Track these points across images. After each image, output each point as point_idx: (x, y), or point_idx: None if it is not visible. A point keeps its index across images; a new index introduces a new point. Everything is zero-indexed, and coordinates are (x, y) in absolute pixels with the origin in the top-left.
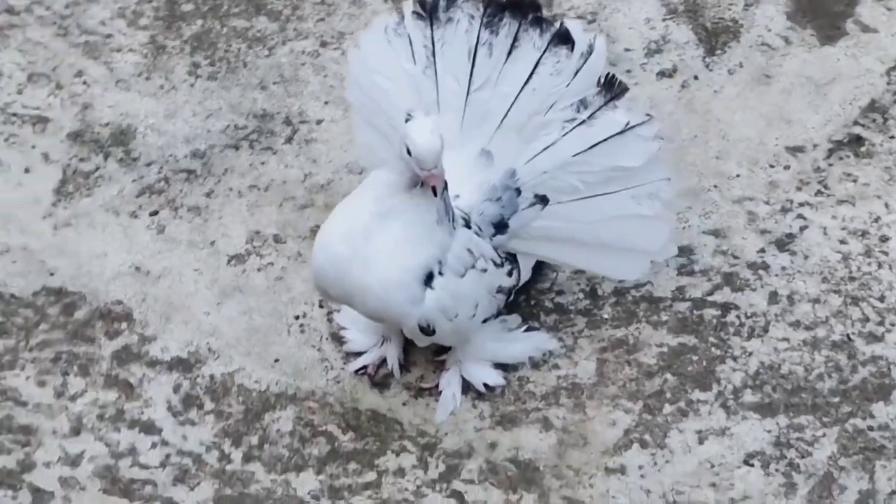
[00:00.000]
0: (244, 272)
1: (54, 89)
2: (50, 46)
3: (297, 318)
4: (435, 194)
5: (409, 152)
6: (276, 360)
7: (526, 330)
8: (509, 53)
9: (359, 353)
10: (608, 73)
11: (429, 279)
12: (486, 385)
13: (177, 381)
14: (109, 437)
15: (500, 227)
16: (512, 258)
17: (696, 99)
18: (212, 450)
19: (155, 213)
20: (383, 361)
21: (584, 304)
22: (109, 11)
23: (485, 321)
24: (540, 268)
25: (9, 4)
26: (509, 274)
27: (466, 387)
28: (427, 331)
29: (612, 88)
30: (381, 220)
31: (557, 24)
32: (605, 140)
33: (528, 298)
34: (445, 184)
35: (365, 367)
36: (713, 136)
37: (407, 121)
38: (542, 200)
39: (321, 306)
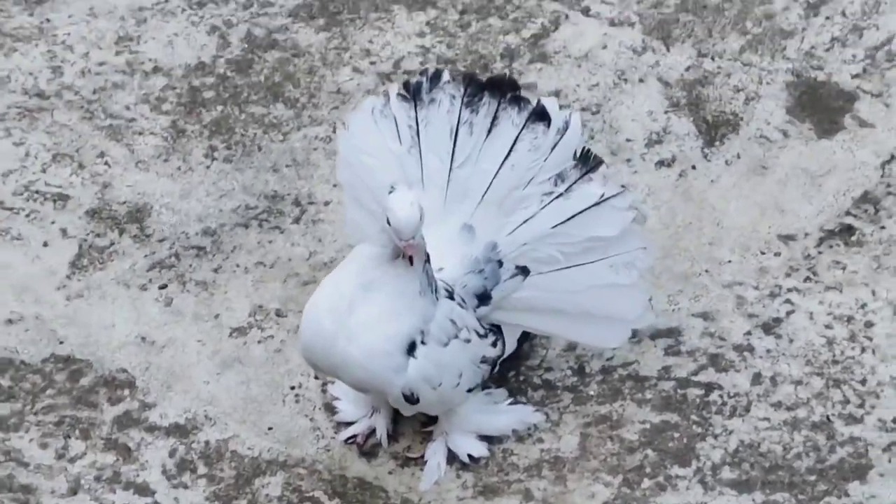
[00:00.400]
0: (245, 344)
1: (77, 169)
2: (76, 129)
3: (292, 388)
4: (412, 264)
5: (389, 223)
6: (270, 429)
7: (511, 403)
8: (489, 131)
9: (349, 423)
10: (584, 148)
11: (412, 348)
12: (470, 456)
13: (173, 446)
14: (104, 498)
15: (484, 298)
16: (496, 329)
17: (693, 188)
18: None
19: (164, 287)
20: (373, 431)
21: (571, 380)
22: (134, 97)
23: (470, 391)
24: (526, 341)
25: (40, 89)
26: (493, 345)
27: (452, 457)
28: (411, 399)
29: (587, 162)
30: (365, 291)
31: (534, 102)
32: (581, 212)
33: (517, 374)
34: (428, 256)
35: (354, 436)
36: (707, 224)
37: (390, 193)
38: (524, 272)
39: (316, 378)
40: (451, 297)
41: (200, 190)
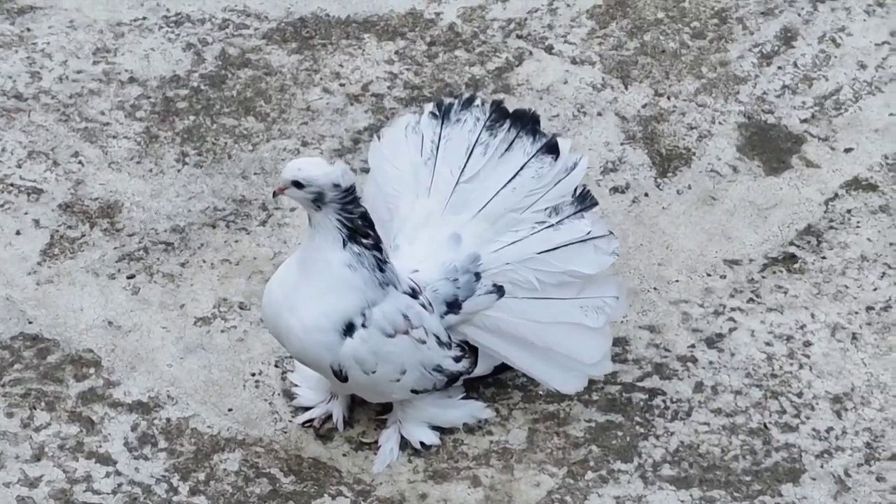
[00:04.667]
0: (209, 332)
1: (51, 166)
2: (51, 129)
3: (253, 374)
4: (273, 197)
5: None
6: (230, 410)
7: (464, 398)
8: (502, 155)
9: (307, 408)
10: (584, 188)
11: (350, 329)
12: (422, 443)
13: (135, 421)
14: (67, 465)
15: (453, 306)
16: (471, 349)
17: (645, 213)
18: (161, 482)
19: (132, 277)
20: (329, 416)
21: (521, 380)
22: (110, 104)
23: (417, 392)
24: (505, 371)
25: (18, 91)
26: (456, 360)
27: (404, 444)
28: (339, 376)
29: (584, 201)
30: (301, 265)
31: (549, 136)
32: (567, 244)
33: None
34: (377, 241)
35: (311, 420)
36: (657, 246)
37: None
38: (499, 291)
39: (276, 366)
40: (414, 296)
41: (171, 191)
